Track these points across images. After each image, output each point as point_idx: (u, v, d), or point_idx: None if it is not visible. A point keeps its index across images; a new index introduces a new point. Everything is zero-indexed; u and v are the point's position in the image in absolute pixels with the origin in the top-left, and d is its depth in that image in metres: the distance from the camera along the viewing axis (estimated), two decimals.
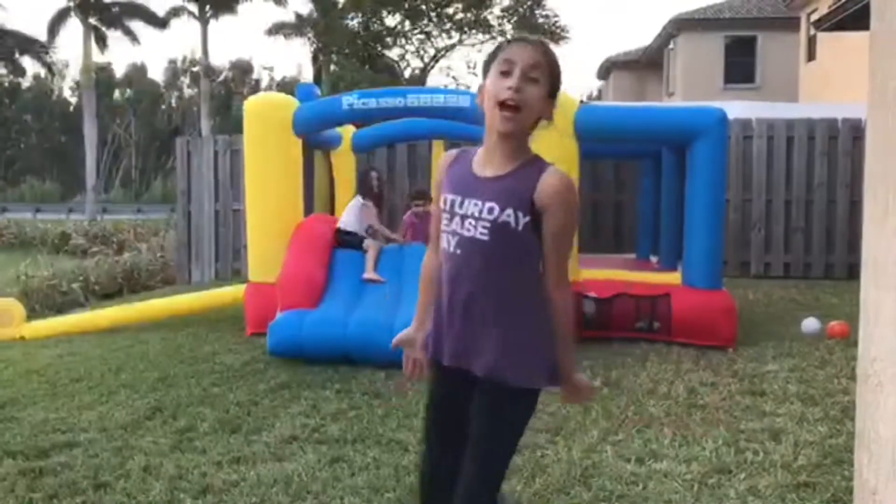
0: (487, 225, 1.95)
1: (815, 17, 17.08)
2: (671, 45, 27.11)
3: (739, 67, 25.24)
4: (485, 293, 1.98)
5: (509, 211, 1.94)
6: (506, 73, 1.93)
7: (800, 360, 5.21)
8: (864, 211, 1.88)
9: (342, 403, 4.33)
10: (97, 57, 35.30)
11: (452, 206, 2.01)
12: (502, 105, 1.91)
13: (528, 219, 1.94)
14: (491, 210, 1.95)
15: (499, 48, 2.00)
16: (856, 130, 9.39)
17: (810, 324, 6.11)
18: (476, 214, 1.97)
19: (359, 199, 6.50)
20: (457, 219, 2.00)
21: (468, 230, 1.98)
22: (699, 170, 5.68)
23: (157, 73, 53.16)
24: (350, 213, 6.40)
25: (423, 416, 2.24)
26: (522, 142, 2.00)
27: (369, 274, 5.99)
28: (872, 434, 1.80)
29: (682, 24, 25.75)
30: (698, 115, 5.80)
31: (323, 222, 6.49)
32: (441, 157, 2.15)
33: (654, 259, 7.91)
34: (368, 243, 6.14)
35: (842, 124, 9.49)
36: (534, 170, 1.96)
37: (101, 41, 32.73)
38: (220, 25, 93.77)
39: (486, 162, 2.02)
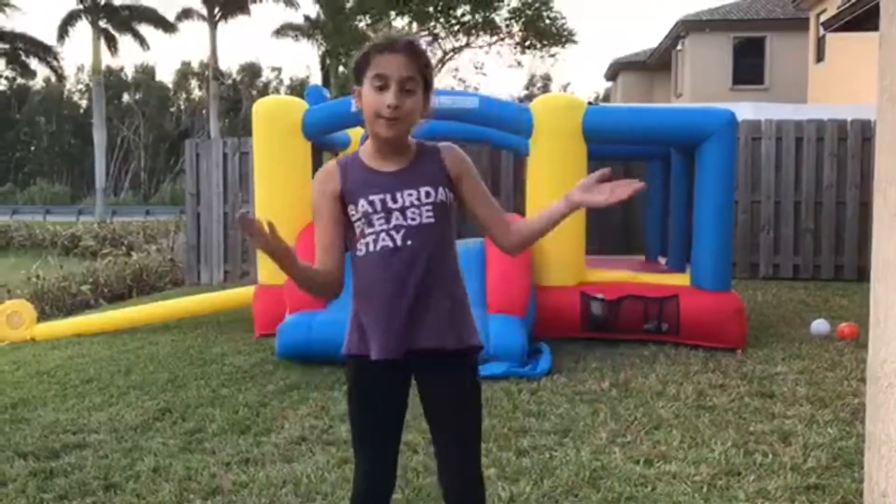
0: (430, 207, 2.02)
1: (823, 17, 17.02)
2: (679, 47, 27.06)
3: (748, 68, 25.18)
4: (435, 272, 2.04)
5: (441, 189, 2.04)
6: (381, 88, 1.98)
7: (809, 361, 5.19)
8: (873, 212, 1.88)
9: None
10: (108, 60, 35.53)
11: (384, 204, 2.02)
12: (383, 118, 1.99)
13: (451, 194, 2.07)
14: (428, 194, 2.03)
15: (368, 54, 2.01)
16: (865, 131, 9.34)
17: (820, 325, 6.09)
18: (416, 202, 2.02)
19: None
20: (395, 213, 2.02)
21: (413, 219, 2.01)
22: (707, 171, 5.67)
23: (167, 76, 53.32)
24: None
25: (355, 424, 2.15)
26: (408, 136, 2.08)
27: None
28: (883, 436, 1.80)
29: (691, 26, 25.70)
30: (707, 116, 5.79)
31: None
32: (316, 178, 2.11)
33: (662, 260, 7.89)
34: None
35: (851, 125, 9.45)
36: (431, 151, 2.09)
37: (112, 45, 32.90)
38: (230, 28, 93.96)
39: (382, 160, 2.06)
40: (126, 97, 51.73)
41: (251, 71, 52.71)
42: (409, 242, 2.01)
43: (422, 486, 3.20)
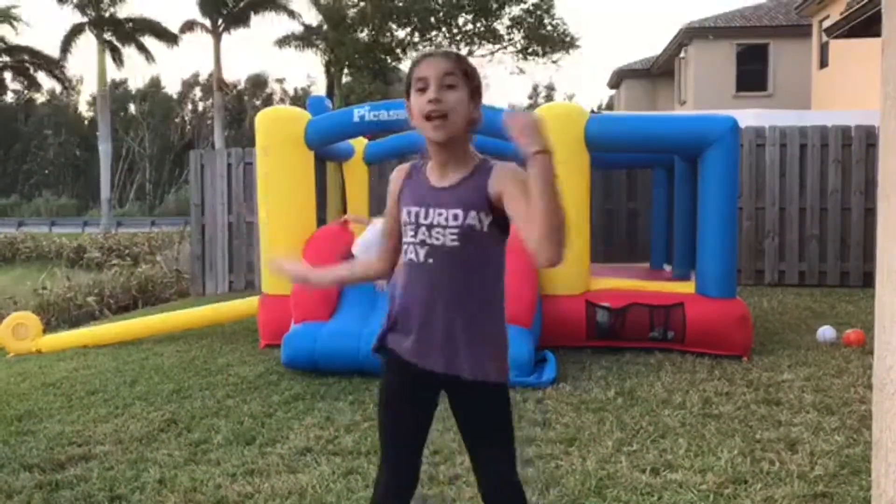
0: (455, 231, 2.00)
1: (826, 24, 17.03)
2: (682, 54, 27.08)
3: (751, 75, 25.18)
4: (463, 300, 2.03)
5: (472, 214, 1.99)
6: (422, 90, 2.00)
7: (815, 368, 5.17)
8: (878, 218, 1.87)
9: (356, 415, 4.33)
10: (115, 72, 35.69)
11: (417, 217, 2.04)
12: (428, 118, 1.99)
13: (490, 217, 1.99)
14: (456, 216, 2.00)
15: (412, 68, 2.06)
16: (869, 137, 9.33)
17: (826, 332, 6.07)
18: (443, 223, 2.01)
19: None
20: (423, 229, 2.04)
21: (437, 239, 2.02)
22: (711, 178, 5.66)
23: (171, 87, 53.57)
24: (370, 232, 6.48)
25: (387, 417, 2.15)
26: (465, 148, 2.05)
27: (382, 282, 6.00)
28: (890, 443, 1.79)
29: (694, 33, 25.73)
30: (709, 123, 5.78)
31: (336, 233, 6.51)
32: (395, 170, 2.18)
33: (667, 268, 7.88)
34: None
35: (855, 131, 9.44)
36: (485, 170, 2.02)
37: (118, 57, 33.07)
38: (233, 39, 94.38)
39: (440, 174, 2.07)
40: (132, 108, 51.95)
41: (255, 82, 52.90)
42: (430, 261, 2.02)
43: (427, 495, 3.19)
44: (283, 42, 32.15)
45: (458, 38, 30.48)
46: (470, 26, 30.30)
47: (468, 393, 2.08)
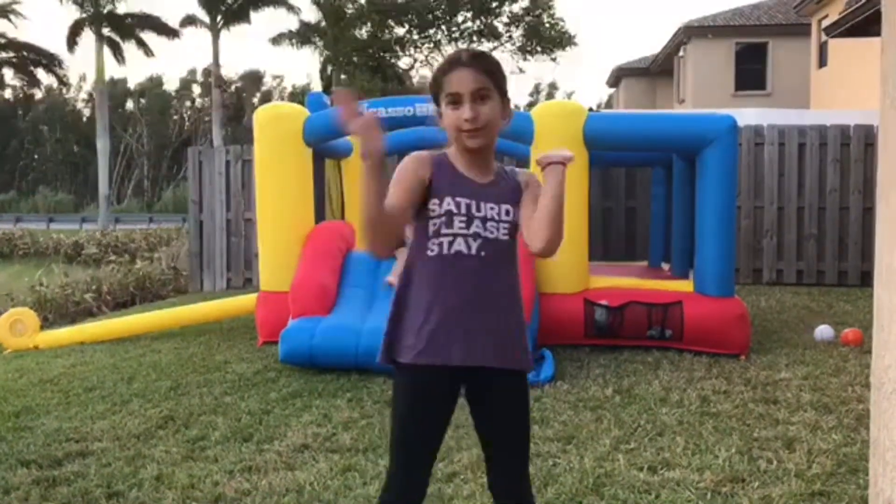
0: (507, 226, 2.08)
1: (825, 23, 17.04)
2: (681, 53, 27.08)
3: (750, 74, 25.19)
4: (507, 291, 2.09)
5: (516, 210, 2.09)
6: (456, 104, 2.03)
7: (813, 367, 5.18)
8: (876, 217, 1.87)
9: (354, 412, 4.33)
10: (115, 69, 35.64)
11: (469, 209, 2.05)
12: (464, 131, 2.03)
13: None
14: (508, 212, 2.08)
15: (437, 78, 2.06)
16: (868, 136, 9.33)
17: (824, 331, 6.07)
18: (496, 217, 2.06)
19: None
20: (476, 221, 2.04)
21: (491, 232, 2.06)
22: (709, 177, 5.67)
23: (169, 84, 53.42)
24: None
25: (403, 434, 2.08)
26: (494, 147, 2.15)
27: (392, 278, 6.03)
28: (887, 442, 1.79)
29: (693, 32, 25.73)
30: (708, 122, 5.79)
31: (335, 229, 6.50)
32: (412, 155, 2.09)
33: (665, 266, 7.88)
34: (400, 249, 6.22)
35: (854, 130, 9.44)
36: (506, 170, 2.16)
37: (118, 53, 33.02)
38: (233, 35, 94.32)
39: (476, 170, 2.09)
40: (129, 105, 51.88)
41: (253, 78, 52.84)
42: (482, 253, 2.04)
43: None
44: (279, 40, 32.09)
45: (456, 35, 30.46)
46: (469, 24, 30.27)
47: (499, 385, 2.10)
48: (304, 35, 31.67)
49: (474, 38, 30.43)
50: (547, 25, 30.05)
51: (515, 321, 2.11)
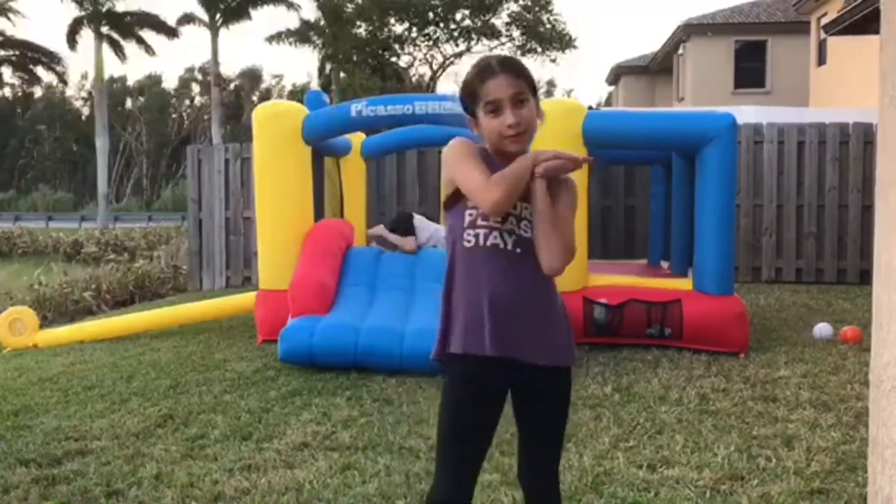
0: (530, 226, 2.08)
1: (825, 20, 17.03)
2: (681, 51, 27.08)
3: (749, 72, 25.19)
4: (547, 286, 2.10)
5: None
6: (496, 112, 2.03)
7: (812, 365, 5.18)
8: (875, 215, 1.87)
9: (353, 410, 4.33)
10: (116, 67, 35.53)
11: None
12: (508, 137, 2.04)
13: None
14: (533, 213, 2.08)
15: (471, 87, 2.05)
16: (867, 134, 9.33)
17: (823, 329, 6.07)
18: (528, 217, 2.07)
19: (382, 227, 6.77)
20: (512, 219, 2.06)
21: (525, 231, 2.07)
22: (709, 175, 5.67)
23: (168, 82, 53.34)
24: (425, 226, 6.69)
25: (456, 425, 2.04)
26: (527, 151, 2.13)
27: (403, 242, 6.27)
28: (886, 440, 1.79)
29: (692, 30, 25.72)
30: (707, 120, 5.78)
31: (334, 228, 6.50)
32: (460, 140, 2.08)
33: (664, 265, 7.88)
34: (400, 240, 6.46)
35: (853, 128, 9.44)
36: None
37: (119, 51, 32.97)
38: (232, 33, 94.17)
39: (506, 164, 2.08)
40: (129, 103, 51.81)
41: (252, 76, 52.79)
42: (518, 250, 2.06)
43: (424, 491, 3.19)
44: (276, 39, 32.05)
45: (455, 33, 30.44)
46: (468, 22, 30.24)
47: (543, 381, 2.11)
48: (302, 34, 31.64)
49: (473, 37, 30.42)
50: (547, 25, 30.02)
51: (556, 315, 2.12)
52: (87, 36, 32.25)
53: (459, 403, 2.06)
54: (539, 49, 30.59)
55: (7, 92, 49.43)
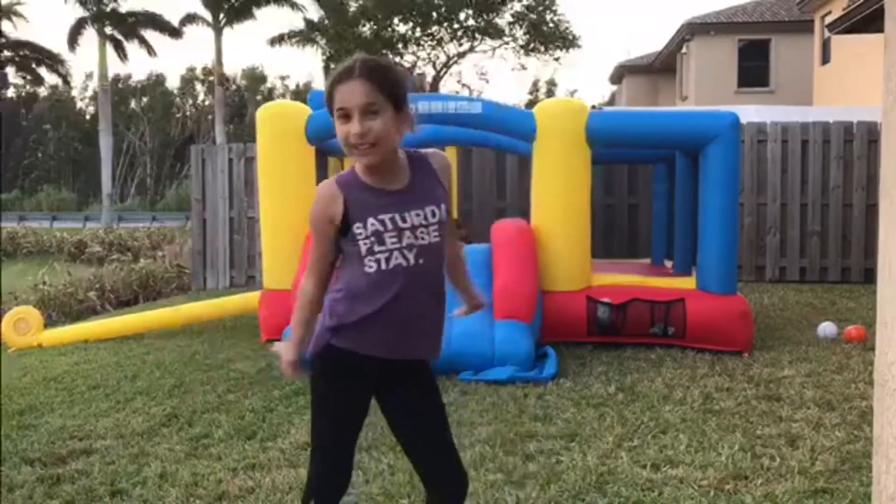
0: (436, 227, 2.07)
1: (829, 19, 17.00)
2: (684, 50, 27.04)
3: (753, 71, 25.16)
4: (440, 289, 2.14)
5: (443, 207, 2.09)
6: (345, 119, 2.00)
7: (816, 364, 5.17)
8: (880, 214, 1.87)
9: None
10: (119, 67, 35.59)
11: (395, 223, 2.03)
12: (356, 147, 2.00)
13: (446, 206, 2.11)
14: (433, 213, 2.07)
15: (330, 88, 2.04)
16: (871, 133, 9.32)
17: (827, 328, 6.06)
18: (424, 222, 2.06)
19: None
20: (406, 232, 2.04)
21: (422, 238, 2.06)
22: (712, 174, 5.66)
23: (172, 82, 53.37)
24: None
25: (334, 422, 2.18)
26: (397, 152, 2.09)
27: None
28: (890, 439, 1.79)
29: (696, 29, 25.69)
30: (710, 119, 5.78)
31: None
32: (320, 197, 2.09)
33: (668, 264, 7.88)
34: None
35: (857, 127, 9.42)
36: (422, 163, 2.13)
37: (122, 51, 33.00)
38: (235, 33, 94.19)
39: (386, 180, 2.07)
40: (132, 104, 51.87)
41: (256, 76, 52.82)
42: (420, 261, 2.06)
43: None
44: (279, 40, 32.05)
45: (459, 33, 30.45)
46: (472, 21, 30.25)
47: (422, 375, 2.19)
48: (304, 35, 31.65)
49: (476, 36, 30.42)
50: (551, 25, 30.02)
51: (443, 312, 2.18)
52: (90, 36, 32.32)
53: (340, 393, 2.16)
54: (543, 48, 30.59)
55: (11, 92, 49.55)
